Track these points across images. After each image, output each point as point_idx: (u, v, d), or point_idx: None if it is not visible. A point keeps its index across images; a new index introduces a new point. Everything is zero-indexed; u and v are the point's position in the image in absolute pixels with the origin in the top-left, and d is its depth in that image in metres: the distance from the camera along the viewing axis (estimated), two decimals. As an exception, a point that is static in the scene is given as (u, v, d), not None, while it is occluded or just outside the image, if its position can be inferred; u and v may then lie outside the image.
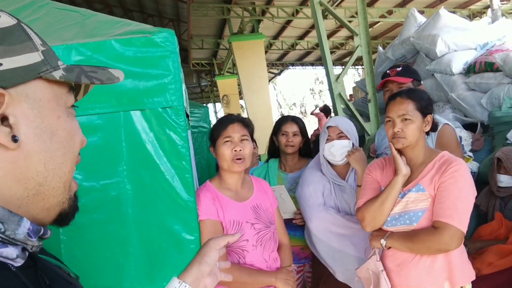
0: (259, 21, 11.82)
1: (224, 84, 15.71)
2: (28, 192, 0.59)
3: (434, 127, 1.88)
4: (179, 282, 0.92)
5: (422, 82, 4.76)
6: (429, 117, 1.82)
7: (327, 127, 2.37)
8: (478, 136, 3.89)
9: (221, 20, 12.28)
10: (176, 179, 1.75)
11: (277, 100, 32.08)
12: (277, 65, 19.25)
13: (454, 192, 1.67)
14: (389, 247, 1.82)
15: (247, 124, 2.00)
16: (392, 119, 1.81)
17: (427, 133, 1.88)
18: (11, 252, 0.56)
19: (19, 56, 0.58)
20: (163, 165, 1.75)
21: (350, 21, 9.06)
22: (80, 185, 0.74)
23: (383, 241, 1.81)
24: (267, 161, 2.86)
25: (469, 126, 4.21)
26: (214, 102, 23.13)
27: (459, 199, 1.67)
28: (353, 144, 2.33)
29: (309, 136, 2.89)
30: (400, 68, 2.49)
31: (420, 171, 1.81)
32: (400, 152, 1.82)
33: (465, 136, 3.71)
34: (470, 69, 4.30)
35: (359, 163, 2.22)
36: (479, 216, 3.24)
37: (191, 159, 2.79)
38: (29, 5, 2.05)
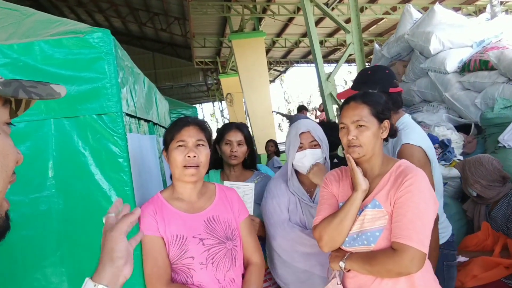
0: (260, 19, 11.68)
1: (228, 82, 15.62)
2: None
3: (393, 133, 1.72)
4: (95, 285, 0.88)
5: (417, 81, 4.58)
6: (385, 123, 1.66)
7: (300, 134, 2.13)
8: (471, 138, 3.71)
9: (223, 18, 12.15)
10: (112, 192, 1.61)
11: (284, 98, 31.90)
12: (282, 62, 19.08)
13: (411, 209, 1.51)
14: (349, 270, 1.66)
15: (204, 128, 1.81)
16: (346, 126, 1.65)
17: (385, 140, 1.71)
18: None
19: None
20: (98, 178, 1.61)
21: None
22: (8, 199, 0.71)
23: (341, 264, 1.65)
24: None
25: (464, 127, 4.02)
26: (220, 100, 23.06)
27: (417, 217, 1.50)
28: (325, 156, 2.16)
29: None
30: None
31: (375, 184, 1.64)
32: (357, 162, 1.65)
33: (456, 139, 3.53)
34: (465, 68, 4.11)
35: (320, 177, 2.03)
36: (468, 223, 3.07)
37: (161, 165, 2.68)
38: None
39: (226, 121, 22.93)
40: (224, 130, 2.49)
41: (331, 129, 2.50)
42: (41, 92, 0.64)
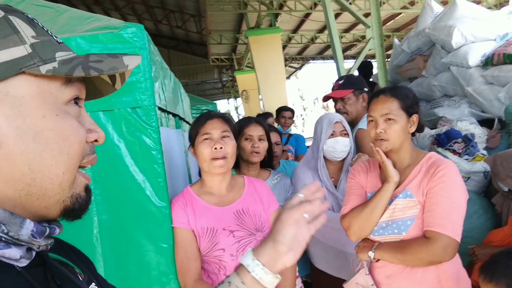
0: (276, 15, 11.67)
1: (244, 79, 15.62)
2: (19, 192, 0.57)
3: (420, 127, 1.72)
4: (253, 259, 0.81)
5: (438, 76, 4.54)
6: (414, 117, 1.66)
7: (334, 122, 2.32)
8: (494, 133, 3.66)
9: (239, 14, 12.18)
10: (147, 184, 1.65)
11: (299, 96, 31.84)
12: (297, 59, 19.02)
13: (445, 199, 1.52)
14: (378, 260, 1.68)
15: (227, 120, 1.84)
16: (374, 119, 1.66)
17: (413, 134, 1.72)
18: (14, 253, 0.55)
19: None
20: (133, 169, 1.65)
21: (369, 13, 8.80)
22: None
23: (371, 253, 1.67)
24: None
25: (486, 122, 3.97)
26: (235, 97, 23.11)
27: (451, 206, 1.51)
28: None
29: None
30: (342, 81, 2.73)
31: (406, 175, 1.65)
32: (386, 154, 1.67)
33: (480, 133, 3.49)
34: (488, 62, 4.05)
35: None
36: (492, 218, 3.05)
37: (186, 159, 2.72)
38: (7, 2, 1.99)
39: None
40: (243, 124, 2.38)
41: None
42: (103, 67, 0.60)
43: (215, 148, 1.73)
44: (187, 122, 3.14)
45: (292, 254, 0.82)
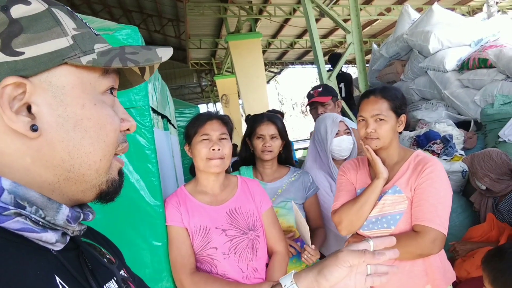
0: (256, 20, 11.75)
1: (223, 83, 15.63)
2: (58, 177, 0.60)
3: (407, 126, 1.80)
4: (291, 282, 0.80)
5: (415, 80, 4.67)
6: (402, 117, 1.75)
7: (339, 122, 2.44)
8: (471, 134, 3.80)
9: (219, 19, 12.21)
10: (141, 183, 1.67)
11: (279, 100, 32.01)
12: (277, 64, 19.16)
13: (432, 194, 1.60)
14: None
15: (226, 122, 1.87)
16: (365, 119, 1.73)
17: (400, 133, 1.80)
18: (50, 237, 0.58)
19: (44, 43, 0.57)
20: (127, 168, 1.67)
21: (347, 19, 8.97)
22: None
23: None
24: (237, 169, 2.45)
25: (463, 124, 4.12)
26: (215, 102, 23.06)
27: (438, 201, 1.59)
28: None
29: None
30: (321, 89, 3.02)
31: (395, 172, 1.73)
32: (375, 152, 1.74)
33: (457, 134, 3.62)
34: (464, 66, 4.21)
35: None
36: (470, 216, 3.16)
37: (173, 161, 2.73)
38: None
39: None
40: (254, 123, 2.34)
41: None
42: (139, 59, 0.63)
43: (213, 149, 1.76)
44: (173, 125, 3.15)
45: None
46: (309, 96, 3.06)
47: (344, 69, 5.89)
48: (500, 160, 2.73)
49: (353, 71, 11.99)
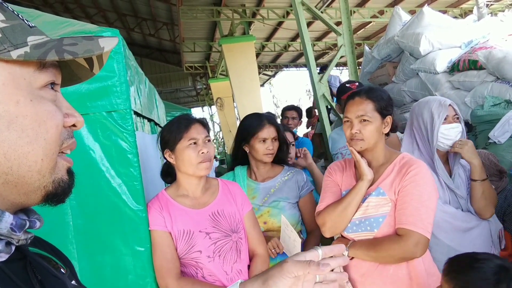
0: (250, 23, 11.75)
1: (218, 87, 15.60)
2: None
3: (394, 128, 1.79)
4: None
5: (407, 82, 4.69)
6: (388, 118, 1.73)
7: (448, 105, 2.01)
8: (461, 135, 3.80)
9: (212, 22, 12.21)
10: (123, 187, 1.65)
11: (274, 103, 32.01)
12: (271, 67, 19.17)
13: (416, 197, 1.58)
14: (352, 257, 1.73)
15: (206, 124, 1.89)
16: (350, 120, 1.72)
17: (387, 134, 1.78)
18: None
19: None
20: (108, 173, 1.65)
21: (340, 22, 8.97)
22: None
23: (345, 252, 1.71)
24: (232, 168, 2.45)
25: (454, 126, 4.12)
26: (210, 105, 23.04)
27: (422, 204, 1.58)
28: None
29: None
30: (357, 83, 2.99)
31: (380, 174, 1.72)
32: (360, 154, 1.73)
33: (448, 136, 3.61)
34: (454, 68, 4.21)
35: (475, 155, 1.93)
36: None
37: (159, 165, 2.71)
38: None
39: (216, 126, 22.96)
40: (255, 125, 2.28)
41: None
42: (78, 50, 0.57)
43: (202, 153, 1.77)
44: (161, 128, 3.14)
45: None
46: (347, 89, 3.05)
47: (337, 72, 5.90)
48: (488, 161, 2.73)
49: (346, 74, 11.99)
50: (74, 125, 0.64)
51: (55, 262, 0.69)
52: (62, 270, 0.69)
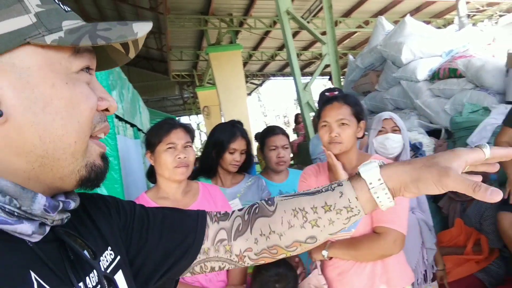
0: (237, 32, 11.84)
1: (205, 95, 15.64)
2: (32, 164, 0.56)
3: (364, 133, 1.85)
4: (380, 182, 0.73)
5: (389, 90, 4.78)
6: (362, 123, 1.79)
7: (383, 120, 2.35)
8: (441, 142, 3.88)
9: (200, 31, 12.27)
10: (103, 190, 1.67)
11: (262, 112, 32.13)
12: (258, 76, 19.28)
13: None
14: (331, 258, 1.76)
15: (189, 130, 1.89)
16: (328, 124, 1.76)
17: (359, 138, 1.83)
18: (25, 228, 0.53)
19: (2, 22, 0.52)
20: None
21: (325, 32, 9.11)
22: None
23: (325, 252, 1.74)
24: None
25: (434, 132, 4.20)
26: (197, 113, 23.03)
27: (397, 203, 1.62)
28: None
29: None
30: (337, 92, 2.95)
31: None
32: (336, 157, 1.77)
33: (428, 142, 3.69)
34: (435, 76, 4.31)
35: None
36: (441, 221, 3.21)
37: (144, 168, 2.73)
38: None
39: (203, 134, 22.93)
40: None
41: None
42: (111, 36, 0.57)
43: (179, 158, 1.77)
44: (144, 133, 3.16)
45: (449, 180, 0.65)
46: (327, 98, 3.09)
47: (319, 79, 5.96)
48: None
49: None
50: (107, 110, 0.64)
51: (85, 244, 0.66)
52: (92, 253, 0.65)
